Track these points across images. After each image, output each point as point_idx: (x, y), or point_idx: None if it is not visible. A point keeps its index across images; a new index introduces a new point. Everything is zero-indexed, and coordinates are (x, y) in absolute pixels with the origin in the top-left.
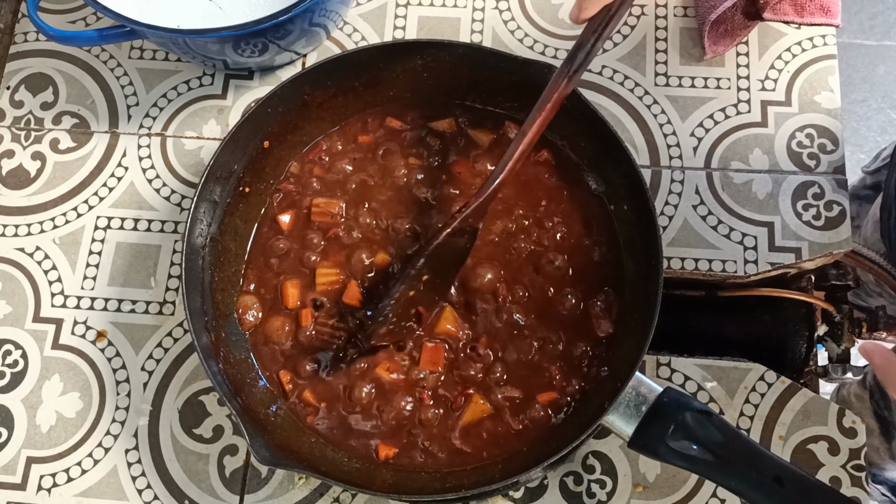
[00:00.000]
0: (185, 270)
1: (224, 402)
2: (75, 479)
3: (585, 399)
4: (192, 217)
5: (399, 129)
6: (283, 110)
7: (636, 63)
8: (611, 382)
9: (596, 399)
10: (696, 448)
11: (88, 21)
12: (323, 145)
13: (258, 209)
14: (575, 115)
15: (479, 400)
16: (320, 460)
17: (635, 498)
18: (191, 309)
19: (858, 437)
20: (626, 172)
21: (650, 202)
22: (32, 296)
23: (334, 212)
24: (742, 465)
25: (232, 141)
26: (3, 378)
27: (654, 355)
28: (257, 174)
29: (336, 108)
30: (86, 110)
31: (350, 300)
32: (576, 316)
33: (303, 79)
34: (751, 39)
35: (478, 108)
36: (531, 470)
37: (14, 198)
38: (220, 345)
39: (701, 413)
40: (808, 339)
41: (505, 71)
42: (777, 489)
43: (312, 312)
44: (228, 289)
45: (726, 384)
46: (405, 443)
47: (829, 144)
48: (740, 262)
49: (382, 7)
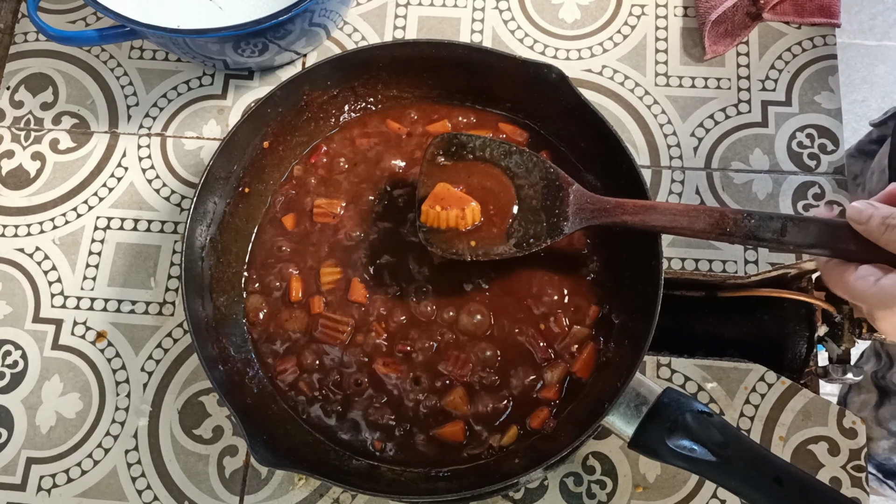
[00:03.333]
0: (185, 271)
1: (224, 402)
2: (75, 480)
3: (585, 400)
4: (192, 217)
5: (397, 132)
6: (283, 111)
7: (636, 63)
8: (611, 383)
9: (596, 400)
10: (696, 448)
11: (88, 21)
12: (323, 147)
13: (259, 209)
14: (574, 116)
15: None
16: (321, 462)
17: (635, 499)
18: (191, 310)
19: (859, 438)
20: (625, 172)
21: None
22: (32, 296)
23: (336, 212)
24: (742, 465)
25: (231, 142)
26: (3, 378)
27: (655, 356)
28: (257, 175)
29: (336, 109)
30: (86, 110)
31: (356, 298)
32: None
33: (302, 79)
34: (751, 39)
35: (477, 110)
36: (531, 470)
37: (14, 198)
38: (221, 345)
39: (701, 414)
40: (809, 339)
41: (504, 71)
42: (777, 489)
43: (322, 302)
44: (229, 290)
45: (726, 385)
46: (399, 435)
47: (830, 144)
48: (740, 263)
49: (382, 7)
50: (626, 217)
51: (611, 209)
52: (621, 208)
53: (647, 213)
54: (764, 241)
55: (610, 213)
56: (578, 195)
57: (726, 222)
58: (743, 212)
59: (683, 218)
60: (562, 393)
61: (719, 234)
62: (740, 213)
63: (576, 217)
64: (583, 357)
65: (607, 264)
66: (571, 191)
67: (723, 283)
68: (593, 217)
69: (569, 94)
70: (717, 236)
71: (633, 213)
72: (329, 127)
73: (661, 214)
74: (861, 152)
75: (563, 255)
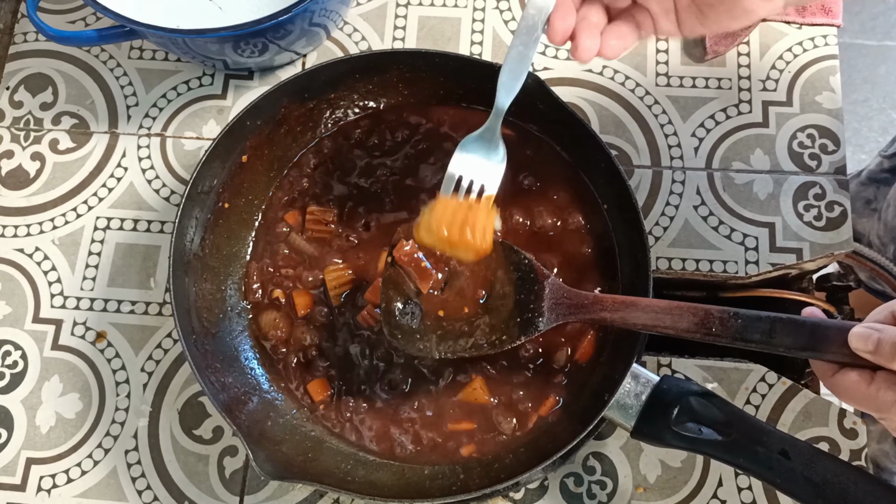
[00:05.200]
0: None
1: (225, 418)
2: (75, 480)
3: (585, 394)
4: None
5: (377, 142)
6: (261, 123)
7: (637, 63)
8: (609, 376)
9: (595, 393)
10: (700, 430)
11: (88, 21)
12: (307, 157)
13: (241, 223)
14: (557, 119)
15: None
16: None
17: (636, 499)
18: (182, 328)
19: (859, 438)
20: (607, 171)
21: (632, 197)
22: (32, 296)
23: (329, 219)
24: (748, 442)
25: (213, 155)
26: (3, 379)
27: (655, 356)
28: (236, 189)
29: (313, 122)
30: (85, 111)
31: (372, 297)
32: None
33: (279, 92)
34: (752, 39)
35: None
36: (531, 470)
37: (13, 198)
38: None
39: (701, 395)
40: None
41: (483, 76)
42: (784, 462)
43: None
44: (213, 308)
45: (727, 385)
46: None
47: (831, 145)
48: (741, 263)
49: (382, 7)
50: (605, 314)
51: (588, 305)
52: (600, 304)
53: (628, 310)
54: (752, 343)
55: (588, 308)
56: (554, 289)
57: (712, 322)
58: (729, 311)
59: (666, 316)
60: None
61: (704, 334)
62: (726, 313)
63: (551, 313)
64: (583, 344)
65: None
66: (547, 284)
67: (723, 284)
68: (570, 313)
69: (547, 99)
70: (702, 336)
71: (613, 309)
72: (307, 141)
73: (642, 312)
74: (872, 180)
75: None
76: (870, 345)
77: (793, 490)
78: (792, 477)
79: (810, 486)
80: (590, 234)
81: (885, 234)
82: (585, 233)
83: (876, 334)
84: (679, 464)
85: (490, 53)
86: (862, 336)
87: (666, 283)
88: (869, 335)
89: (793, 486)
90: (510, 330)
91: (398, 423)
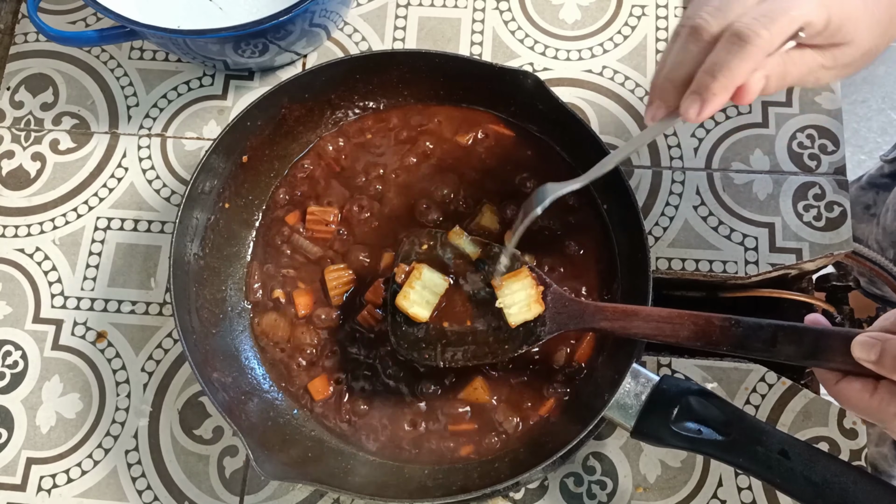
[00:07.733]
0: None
1: (225, 418)
2: (75, 480)
3: (585, 394)
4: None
5: (378, 142)
6: (262, 123)
7: (637, 63)
8: (609, 376)
9: (595, 393)
10: (700, 430)
11: (88, 21)
12: (304, 161)
13: (241, 223)
14: (556, 119)
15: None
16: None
17: (636, 499)
18: (183, 328)
19: (859, 438)
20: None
21: (632, 197)
22: (32, 297)
23: (329, 219)
24: (747, 441)
25: (213, 155)
26: (3, 379)
27: (655, 356)
28: (236, 189)
29: (314, 122)
30: (86, 111)
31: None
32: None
33: (280, 92)
34: None
35: (463, 109)
36: (531, 470)
37: (14, 199)
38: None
39: (701, 395)
40: None
41: (482, 77)
42: (784, 462)
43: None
44: (214, 308)
45: (727, 385)
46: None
47: (830, 145)
48: (741, 263)
49: (383, 8)
50: (606, 323)
51: (590, 314)
52: (601, 313)
53: (629, 319)
54: (754, 352)
55: (589, 318)
56: (556, 298)
57: (712, 330)
58: (730, 319)
59: (667, 325)
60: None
61: (706, 342)
62: (727, 321)
63: (553, 322)
64: (583, 345)
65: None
66: (549, 293)
67: (723, 284)
68: (571, 321)
69: (547, 99)
70: (703, 345)
71: (614, 318)
72: (308, 141)
73: (642, 321)
74: (872, 185)
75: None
76: (873, 355)
77: (792, 490)
78: (791, 477)
79: (810, 485)
80: (589, 235)
81: (885, 239)
82: (585, 233)
83: (879, 344)
84: (679, 464)
85: (490, 54)
86: (865, 345)
87: (666, 284)
88: (872, 345)
89: (792, 486)
90: (513, 339)
91: (398, 423)
